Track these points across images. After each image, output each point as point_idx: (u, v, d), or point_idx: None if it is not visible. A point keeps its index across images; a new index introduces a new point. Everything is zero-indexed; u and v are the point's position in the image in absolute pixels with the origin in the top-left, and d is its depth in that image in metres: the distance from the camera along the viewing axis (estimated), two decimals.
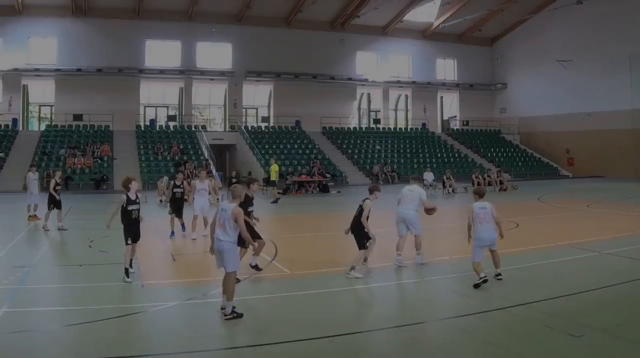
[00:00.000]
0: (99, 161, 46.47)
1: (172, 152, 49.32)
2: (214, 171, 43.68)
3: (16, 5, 50.60)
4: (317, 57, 59.91)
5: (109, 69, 53.85)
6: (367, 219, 12.98)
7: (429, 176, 38.28)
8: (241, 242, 10.73)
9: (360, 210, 12.95)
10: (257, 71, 58.74)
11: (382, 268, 13.73)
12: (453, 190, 37.71)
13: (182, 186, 20.23)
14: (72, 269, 14.10)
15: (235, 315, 9.60)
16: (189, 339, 8.63)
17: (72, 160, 45.24)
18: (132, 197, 12.97)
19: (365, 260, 13.21)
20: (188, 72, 57.08)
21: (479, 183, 34.71)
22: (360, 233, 12.96)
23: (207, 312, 10.03)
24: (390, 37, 63.56)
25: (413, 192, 14.56)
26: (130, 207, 12.85)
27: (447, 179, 38.17)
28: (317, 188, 40.74)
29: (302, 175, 41.61)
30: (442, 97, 68.67)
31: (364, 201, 13.10)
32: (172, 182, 21.00)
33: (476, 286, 11.45)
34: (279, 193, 34.68)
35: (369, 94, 65.11)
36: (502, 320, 9.57)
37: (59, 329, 9.02)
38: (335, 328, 8.96)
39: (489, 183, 38.97)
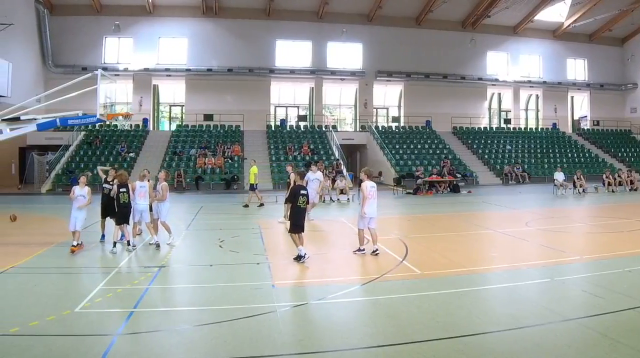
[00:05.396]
0: (230, 161, 39.15)
1: (302, 152, 41.32)
2: (344, 171, 37.20)
3: (147, 5, 44.30)
4: (448, 57, 50.05)
5: (239, 69, 46.46)
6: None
7: (559, 176, 32.46)
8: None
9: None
10: (388, 71, 49.27)
11: (511, 269, 11.54)
12: (584, 190, 31.99)
13: None
14: (203, 269, 11.79)
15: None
16: (319, 339, 7.40)
17: (203, 160, 38.38)
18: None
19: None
20: (318, 72, 48.35)
21: (609, 184, 33.09)
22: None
23: (338, 312, 8.69)
24: (521, 36, 52.68)
25: None
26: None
27: (577, 178, 32.45)
28: (448, 188, 34.45)
29: (433, 175, 34.98)
30: (572, 97, 57.01)
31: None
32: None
33: (357, 251, 12.68)
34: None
35: (499, 94, 54.48)
36: (632, 320, 8.09)
37: (189, 329, 7.78)
38: (463, 328, 7.71)
39: (620, 183, 34.13)
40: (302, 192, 12.17)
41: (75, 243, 13.11)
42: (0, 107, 19.90)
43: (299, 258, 11.84)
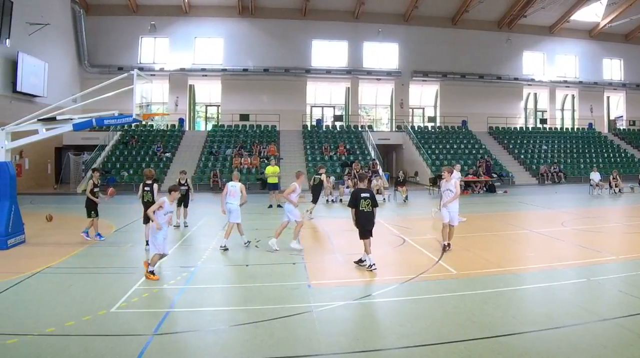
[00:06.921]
0: (266, 161, 37.49)
1: (338, 152, 40.24)
2: (380, 171, 36.28)
3: (183, 5, 43.79)
4: (484, 57, 48.79)
5: (275, 69, 45.75)
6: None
7: (595, 176, 31.68)
8: None
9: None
10: (424, 71, 48.21)
11: (548, 269, 11.18)
12: (619, 190, 30.98)
13: None
14: (239, 269, 11.76)
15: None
16: (355, 339, 7.27)
17: (239, 160, 37.60)
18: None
19: None
20: (354, 72, 47.42)
21: None
22: None
23: (374, 312, 8.72)
24: (557, 36, 51.18)
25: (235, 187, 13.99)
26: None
27: (613, 178, 31.44)
28: (484, 188, 33.73)
29: (469, 176, 34.33)
30: (608, 97, 55.15)
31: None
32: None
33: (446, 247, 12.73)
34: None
35: (535, 94, 52.94)
36: None
37: (225, 329, 7.71)
38: (499, 328, 7.60)
39: None
40: (364, 195, 11.20)
41: (152, 268, 10.57)
42: (37, 107, 19.95)
43: (368, 266, 10.94)
